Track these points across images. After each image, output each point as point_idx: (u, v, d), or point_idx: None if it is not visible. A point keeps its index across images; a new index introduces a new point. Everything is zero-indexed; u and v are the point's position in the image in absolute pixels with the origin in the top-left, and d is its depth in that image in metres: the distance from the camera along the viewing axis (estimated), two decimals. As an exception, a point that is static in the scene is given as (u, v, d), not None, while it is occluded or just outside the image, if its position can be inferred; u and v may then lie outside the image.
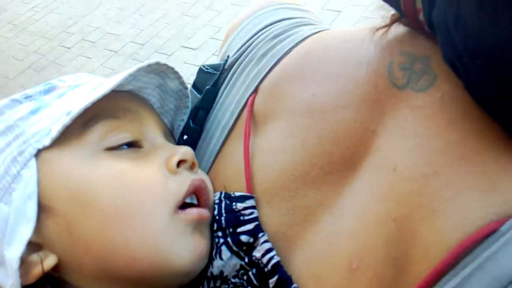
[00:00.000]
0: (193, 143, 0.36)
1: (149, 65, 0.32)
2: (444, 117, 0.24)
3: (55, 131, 0.29)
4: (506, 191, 0.22)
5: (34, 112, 0.31)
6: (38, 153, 0.29)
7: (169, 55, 2.15)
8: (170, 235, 0.29)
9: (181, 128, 0.38)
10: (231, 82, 0.35)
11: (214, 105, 0.36)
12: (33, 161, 0.29)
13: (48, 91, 0.33)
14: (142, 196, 0.29)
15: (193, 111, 0.37)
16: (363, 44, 0.28)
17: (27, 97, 0.33)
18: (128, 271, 0.29)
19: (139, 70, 0.31)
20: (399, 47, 0.26)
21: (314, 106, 0.29)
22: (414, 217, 0.23)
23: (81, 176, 0.29)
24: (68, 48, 2.45)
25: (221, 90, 0.36)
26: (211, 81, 0.36)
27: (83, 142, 0.30)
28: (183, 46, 2.19)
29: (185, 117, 0.38)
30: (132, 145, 0.31)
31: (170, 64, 0.34)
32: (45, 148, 0.29)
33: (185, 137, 0.37)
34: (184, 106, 0.37)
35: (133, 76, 0.32)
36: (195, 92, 0.37)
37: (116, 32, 2.46)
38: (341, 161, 0.27)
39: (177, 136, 0.39)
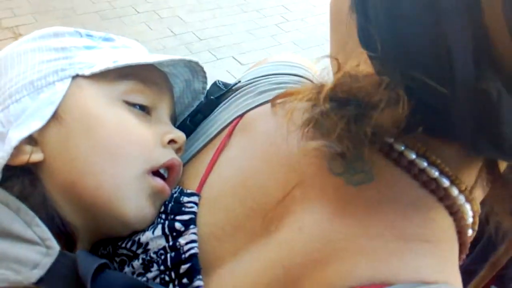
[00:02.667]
0: None
1: (190, 61, 0.38)
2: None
3: (97, 68, 0.35)
4: (395, 265, 0.26)
5: (88, 48, 0.38)
6: (75, 77, 0.35)
7: (217, 59, 2.25)
8: (133, 186, 0.34)
9: (180, 120, 0.44)
10: (230, 102, 0.40)
11: (211, 114, 0.41)
12: (69, 80, 0.35)
13: (106, 39, 0.40)
14: (131, 147, 0.34)
15: (193, 112, 0.43)
16: None
17: (89, 35, 0.39)
18: (88, 196, 0.33)
19: (181, 60, 0.38)
20: (346, 140, 0.29)
21: (268, 154, 0.33)
22: (303, 268, 0.27)
23: (97, 109, 0.35)
24: (138, 12, 2.60)
25: (221, 104, 0.41)
26: (217, 94, 0.42)
27: (112, 88, 0.36)
28: (233, 57, 2.29)
29: (187, 113, 0.44)
30: (144, 109, 0.37)
31: (213, 68, 0.40)
32: (83, 76, 0.35)
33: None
34: (192, 104, 0.44)
35: (172, 62, 0.38)
36: (202, 98, 0.44)
37: (184, 19, 2.59)
38: (272, 207, 0.31)
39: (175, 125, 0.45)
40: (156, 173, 0.35)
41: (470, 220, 0.30)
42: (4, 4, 2.42)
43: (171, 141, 0.37)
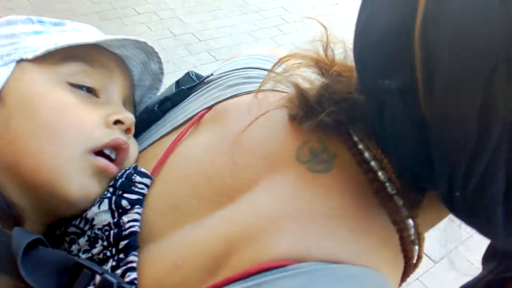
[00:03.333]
0: (149, 123, 0.42)
1: (137, 41, 0.38)
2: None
3: (39, 52, 0.35)
4: (313, 245, 0.28)
5: (36, 33, 0.38)
6: (20, 62, 0.35)
7: (216, 60, 2.25)
8: (73, 166, 0.34)
9: (146, 104, 0.44)
10: (200, 93, 0.41)
11: (181, 103, 0.42)
12: (13, 64, 0.35)
13: (57, 24, 0.40)
14: (70, 127, 0.34)
15: (163, 99, 0.43)
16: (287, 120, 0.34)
17: (40, 22, 0.39)
18: (29, 176, 0.33)
19: (127, 40, 0.38)
20: (318, 135, 0.32)
21: (232, 142, 0.34)
22: (239, 243, 0.28)
23: (38, 90, 0.35)
24: (138, 13, 2.60)
25: (191, 95, 0.42)
26: (189, 85, 0.42)
27: (55, 70, 0.36)
28: (233, 59, 2.30)
29: (153, 97, 0.44)
30: (90, 91, 0.37)
31: (213, 69, 0.40)
32: (27, 60, 0.35)
33: (144, 115, 0.43)
34: (156, 87, 0.44)
35: (121, 43, 0.38)
36: (174, 87, 0.43)
37: (184, 20, 2.60)
38: (226, 191, 0.32)
39: (140, 108, 0.45)
40: (100, 153, 0.35)
41: (412, 236, 0.31)
42: (4, 4, 2.43)
43: (118, 122, 0.37)
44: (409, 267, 0.33)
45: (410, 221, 0.30)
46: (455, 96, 0.22)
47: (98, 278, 0.28)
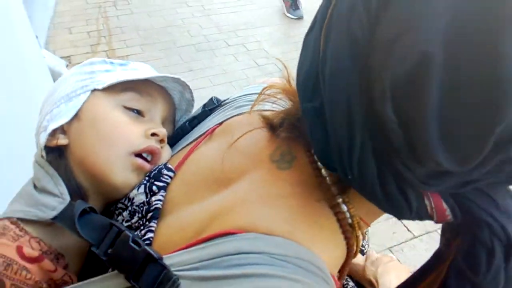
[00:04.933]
0: (182, 135, 0.55)
1: (174, 78, 0.52)
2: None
3: (106, 84, 0.50)
4: (255, 219, 0.37)
5: (107, 71, 0.53)
6: (94, 91, 0.50)
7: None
8: (119, 164, 0.47)
9: (181, 122, 0.58)
10: (217, 113, 0.53)
11: (204, 120, 0.54)
12: (88, 93, 0.50)
13: (122, 64, 0.55)
14: (119, 137, 0.48)
15: (192, 118, 0.56)
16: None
17: (111, 63, 0.55)
18: (91, 168, 0.47)
19: (166, 76, 0.52)
20: (288, 142, 0.41)
21: (231, 147, 0.44)
22: (219, 215, 0.38)
23: (102, 111, 0.49)
24: (228, 45, 2.86)
25: (212, 115, 0.54)
26: (210, 107, 0.55)
27: (116, 97, 0.50)
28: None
29: (187, 117, 0.58)
30: (139, 113, 0.51)
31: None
32: (98, 90, 0.50)
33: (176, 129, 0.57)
34: (189, 110, 0.58)
35: (163, 78, 0.51)
36: (201, 109, 0.56)
37: (268, 51, 2.79)
38: (223, 181, 0.42)
39: (178, 125, 0.59)
40: (140, 156, 0.48)
41: (349, 219, 0.38)
42: (118, 37, 2.87)
43: (154, 134, 0.50)
44: (351, 250, 0.40)
45: (345, 207, 0.38)
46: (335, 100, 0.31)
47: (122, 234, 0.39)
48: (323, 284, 0.36)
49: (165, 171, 0.46)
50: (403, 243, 1.53)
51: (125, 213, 0.45)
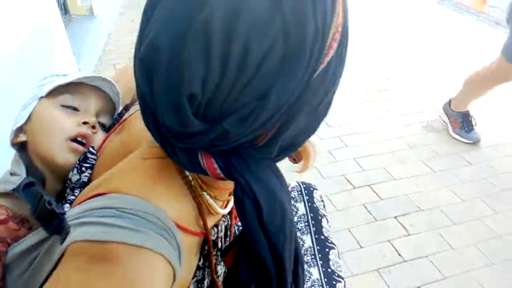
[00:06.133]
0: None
1: (100, 77, 0.71)
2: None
3: (46, 91, 0.69)
4: (120, 186, 0.47)
5: (50, 82, 0.71)
6: (41, 98, 0.69)
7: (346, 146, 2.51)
8: (59, 148, 0.66)
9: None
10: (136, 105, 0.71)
11: (128, 112, 0.72)
12: (37, 100, 0.69)
13: (64, 75, 0.73)
14: (56, 128, 0.67)
15: (122, 111, 0.75)
16: None
17: (56, 75, 0.73)
18: (42, 155, 0.67)
19: (93, 77, 0.71)
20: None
21: (127, 133, 0.62)
22: (103, 180, 0.50)
23: (44, 111, 0.68)
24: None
25: (133, 107, 0.72)
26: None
27: (55, 99, 0.69)
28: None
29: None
30: (74, 108, 0.70)
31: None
32: (43, 97, 0.69)
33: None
34: (120, 103, 0.76)
35: (91, 79, 0.71)
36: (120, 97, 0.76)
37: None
38: (120, 157, 0.55)
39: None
40: (76, 140, 0.66)
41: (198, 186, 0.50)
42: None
43: (86, 123, 0.68)
44: (201, 206, 0.51)
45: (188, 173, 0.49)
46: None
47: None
48: (162, 231, 0.44)
49: (89, 155, 0.64)
50: (391, 266, 1.57)
51: (68, 190, 0.63)
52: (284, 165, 0.50)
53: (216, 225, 0.58)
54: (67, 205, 0.59)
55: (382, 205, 1.85)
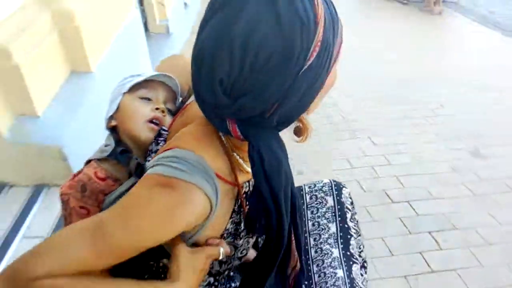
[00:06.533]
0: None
1: (164, 74, 0.99)
2: None
3: (127, 88, 0.98)
4: (181, 144, 0.67)
5: (130, 81, 1.00)
6: (124, 93, 0.98)
7: (390, 163, 2.65)
8: (142, 128, 0.93)
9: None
10: None
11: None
12: (122, 95, 0.98)
13: (139, 75, 1.01)
14: (137, 114, 0.95)
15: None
16: None
17: (132, 76, 1.01)
18: (128, 134, 0.95)
19: (159, 75, 0.99)
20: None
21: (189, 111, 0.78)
22: (173, 140, 0.77)
23: (127, 103, 0.98)
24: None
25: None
26: None
27: (134, 93, 0.98)
28: (369, 137, 2.65)
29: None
30: (148, 99, 0.98)
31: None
32: (126, 92, 0.98)
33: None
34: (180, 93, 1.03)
35: (157, 77, 0.99)
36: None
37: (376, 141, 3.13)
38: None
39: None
40: (152, 122, 0.93)
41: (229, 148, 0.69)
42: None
43: (157, 109, 0.95)
44: (233, 164, 0.69)
45: (223, 138, 0.68)
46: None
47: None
48: (205, 175, 0.62)
49: (162, 131, 0.90)
50: (419, 274, 1.67)
51: (149, 158, 0.89)
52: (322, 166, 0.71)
53: (248, 181, 0.76)
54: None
55: (418, 220, 1.95)
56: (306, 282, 1.01)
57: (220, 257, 0.72)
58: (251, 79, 0.56)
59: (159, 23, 3.81)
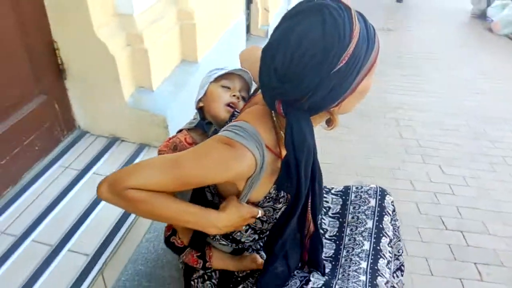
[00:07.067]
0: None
1: (241, 69, 1.29)
2: None
3: (213, 78, 1.30)
4: (246, 118, 0.94)
5: (215, 73, 1.32)
6: (211, 82, 1.29)
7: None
8: (222, 110, 1.25)
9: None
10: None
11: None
12: (209, 83, 1.30)
13: (222, 68, 1.32)
14: (220, 98, 1.27)
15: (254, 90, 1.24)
16: None
17: (217, 69, 1.32)
18: (212, 113, 1.28)
19: (237, 69, 1.29)
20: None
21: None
22: (242, 115, 0.96)
23: (214, 90, 1.29)
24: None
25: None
26: None
27: (218, 83, 1.30)
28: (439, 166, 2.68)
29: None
30: (228, 88, 1.28)
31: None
32: (212, 82, 1.29)
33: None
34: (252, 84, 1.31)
35: (235, 70, 1.28)
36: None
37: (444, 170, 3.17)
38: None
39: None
40: (229, 105, 1.23)
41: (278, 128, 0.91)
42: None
43: (234, 96, 1.25)
44: (280, 139, 0.90)
45: (275, 119, 0.90)
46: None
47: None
48: (257, 143, 0.85)
49: (236, 113, 1.17)
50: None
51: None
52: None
53: None
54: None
55: (467, 251, 2.00)
56: (333, 263, 1.21)
57: (259, 215, 1.00)
58: (296, 70, 0.76)
59: (260, 27, 4.16)
